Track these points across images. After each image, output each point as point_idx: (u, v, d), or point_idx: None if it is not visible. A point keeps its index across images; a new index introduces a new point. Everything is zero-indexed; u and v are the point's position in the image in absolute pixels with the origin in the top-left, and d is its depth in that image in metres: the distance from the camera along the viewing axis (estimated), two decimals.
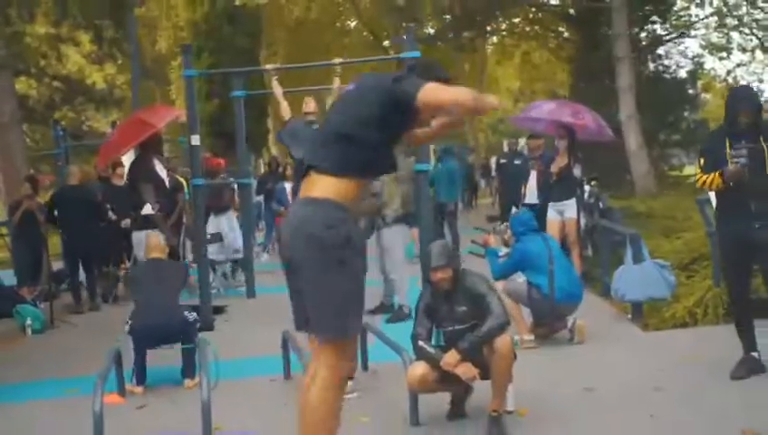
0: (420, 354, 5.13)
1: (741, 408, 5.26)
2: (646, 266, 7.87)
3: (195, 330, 6.72)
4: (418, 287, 9.25)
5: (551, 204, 10.02)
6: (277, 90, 9.12)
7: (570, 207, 9.88)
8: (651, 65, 20.90)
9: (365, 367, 6.67)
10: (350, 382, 6.08)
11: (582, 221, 9.96)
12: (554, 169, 9.90)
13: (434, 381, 5.10)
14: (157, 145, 8.59)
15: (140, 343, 6.55)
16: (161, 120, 8.37)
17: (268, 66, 9.53)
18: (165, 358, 6.98)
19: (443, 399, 5.39)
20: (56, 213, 10.57)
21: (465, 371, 4.92)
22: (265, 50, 28.62)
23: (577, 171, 9.88)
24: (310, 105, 9.03)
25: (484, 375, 5.02)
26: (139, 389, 6.55)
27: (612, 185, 17.87)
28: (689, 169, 24.46)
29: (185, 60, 9.09)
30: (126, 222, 10.20)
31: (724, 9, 26.28)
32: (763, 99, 7.26)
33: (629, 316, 8.12)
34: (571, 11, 22.27)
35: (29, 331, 9.61)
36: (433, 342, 5.28)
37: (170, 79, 27.76)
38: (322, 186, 3.74)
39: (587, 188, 10.23)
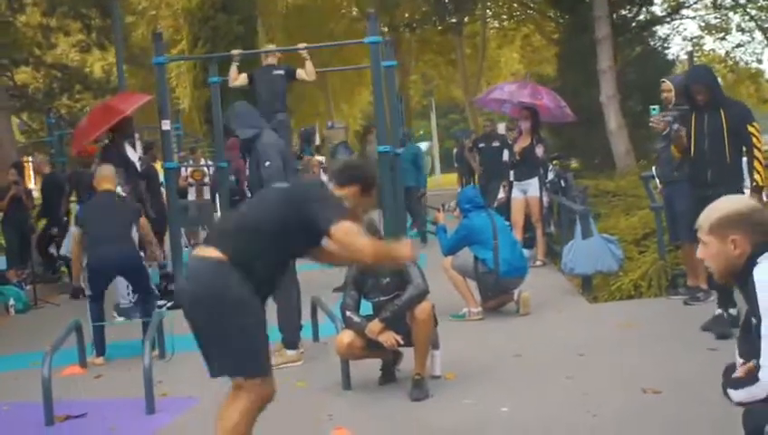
0: (348, 324, 5.46)
1: (652, 368, 5.56)
2: (594, 241, 8.17)
3: (147, 276, 7.17)
4: None
5: (515, 183, 10.31)
6: (233, 73, 9.50)
7: (532, 186, 10.17)
8: (638, 47, 20.99)
9: (316, 339, 7.00)
10: (295, 352, 6.46)
11: (545, 199, 10.25)
12: (517, 149, 10.19)
13: (360, 348, 5.44)
14: (126, 129, 8.91)
15: (95, 276, 6.91)
16: (130, 105, 8.72)
17: (234, 51, 9.88)
18: (130, 332, 7.36)
19: (375, 365, 5.72)
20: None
21: (387, 338, 5.25)
22: (263, 37, 28.88)
23: (539, 151, 10.16)
24: (270, 58, 9.41)
25: (407, 342, 5.35)
26: (100, 360, 6.92)
27: (593, 165, 18.16)
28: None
29: (156, 47, 9.43)
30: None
31: None
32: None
33: (579, 290, 8.43)
34: None
35: (12, 311, 10.01)
36: (362, 312, 5.60)
37: (168, 66, 28.06)
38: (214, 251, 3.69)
39: (549, 167, 10.50)
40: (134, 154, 9.04)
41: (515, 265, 7.56)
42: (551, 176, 10.57)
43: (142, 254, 7.61)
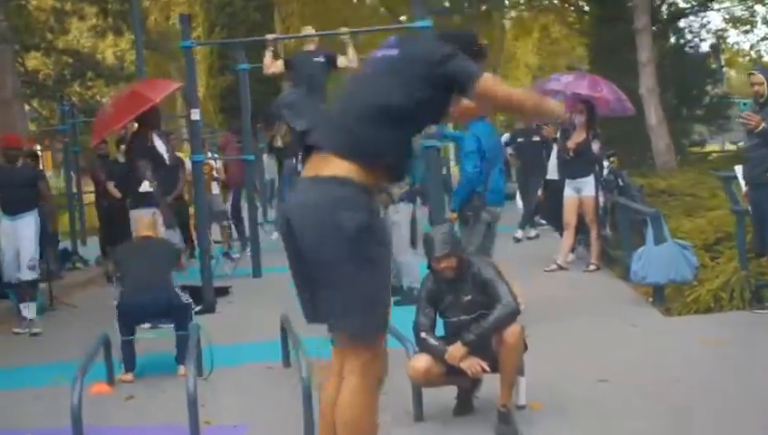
0: (423, 347, 4.74)
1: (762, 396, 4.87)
2: (667, 248, 7.45)
3: (188, 312, 6.36)
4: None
5: (567, 181, 9.61)
6: (268, 60, 8.79)
7: (588, 185, 9.46)
8: (673, 38, 20.25)
9: None
10: None
11: (601, 199, 9.52)
12: (571, 144, 9.47)
13: (438, 375, 4.72)
14: (155, 119, 8.20)
15: (126, 320, 6.23)
16: (159, 93, 7.97)
17: (268, 36, 9.15)
18: (160, 345, 6.66)
19: (449, 391, 5.00)
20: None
21: (471, 365, 4.53)
22: (279, 24, 28.15)
23: (595, 147, 9.45)
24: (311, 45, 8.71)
25: (493, 368, 4.63)
26: (129, 377, 6.22)
27: (631, 162, 17.38)
28: (712, 146, 23.89)
29: (183, 30, 8.71)
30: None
31: None
32: None
33: (650, 300, 7.71)
34: None
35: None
36: (437, 332, 4.89)
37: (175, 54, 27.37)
38: (339, 165, 3.20)
39: (605, 164, 9.77)
40: (162, 146, 8.32)
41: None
42: (605, 174, 9.81)
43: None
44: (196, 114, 8.53)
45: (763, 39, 33.94)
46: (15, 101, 12.93)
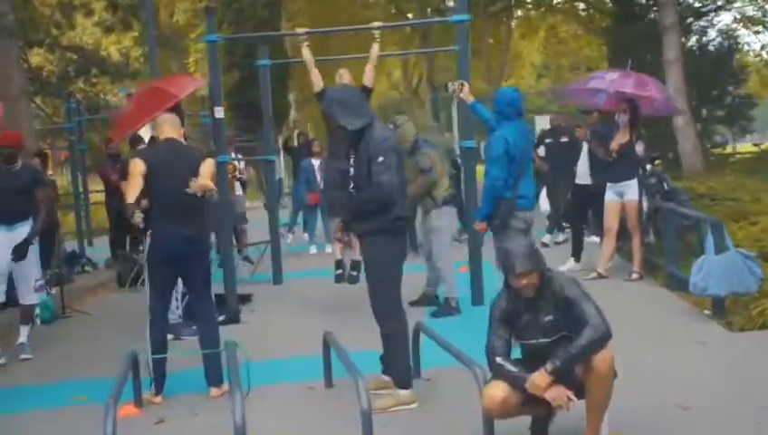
0: (499, 373, 4.22)
1: None
2: (729, 257, 6.94)
3: (213, 312, 6.10)
4: (459, 273, 8.54)
5: (609, 184, 9.09)
6: (308, 57, 8.25)
7: (631, 188, 8.94)
8: (694, 38, 19.83)
9: (418, 373, 5.77)
10: (409, 392, 5.28)
11: (645, 204, 9.02)
12: (614, 145, 8.95)
13: (515, 405, 4.19)
14: (178, 116, 7.68)
15: (162, 261, 5.71)
16: (182, 89, 7.44)
17: (298, 30, 8.60)
18: (186, 362, 6.15)
19: (521, 419, 4.49)
20: None
21: (558, 396, 4.00)
22: (286, 21, 27.64)
23: (639, 148, 8.94)
24: (345, 77, 8.16)
25: (578, 395, 4.12)
26: (158, 398, 5.70)
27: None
28: (740, 147, 23.38)
29: (208, 23, 8.21)
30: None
31: None
32: None
33: (707, 312, 7.21)
34: None
35: (37, 321, 8.77)
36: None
37: (189, 50, 26.88)
38: None
39: (648, 167, 9.26)
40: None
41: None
42: (649, 177, 9.31)
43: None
44: (220, 112, 8.05)
45: None
46: (22, 97, 12.40)
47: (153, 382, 5.69)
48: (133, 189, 5.68)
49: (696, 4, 22.17)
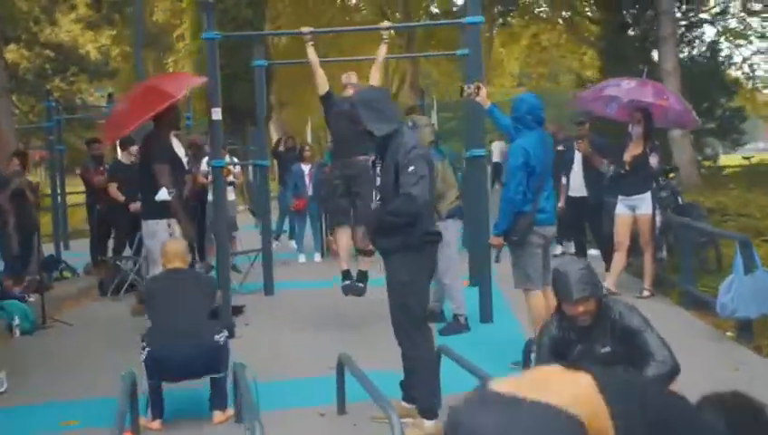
0: None
1: None
2: (760, 277, 6.58)
3: (226, 354, 5.37)
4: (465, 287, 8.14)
5: (621, 198, 8.74)
6: (313, 57, 7.83)
7: (644, 202, 8.59)
8: (685, 50, 19.61)
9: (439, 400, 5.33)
10: (434, 423, 4.85)
11: (658, 219, 8.67)
12: (627, 157, 8.60)
13: None
14: (174, 119, 7.23)
15: (158, 376, 5.19)
16: (180, 88, 6.97)
17: (303, 29, 8.15)
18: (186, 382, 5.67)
19: None
20: None
21: None
22: (269, 23, 27.16)
23: (653, 161, 8.59)
24: (352, 78, 7.76)
25: None
26: (156, 424, 5.22)
27: None
28: (725, 160, 23.18)
29: (208, 19, 7.75)
30: (135, 206, 8.87)
31: None
32: None
33: (729, 335, 6.85)
34: None
35: (17, 332, 8.25)
36: None
37: (175, 48, 26.30)
38: None
39: (662, 181, 8.93)
40: (181, 149, 7.36)
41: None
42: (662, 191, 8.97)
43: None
44: (217, 113, 7.57)
45: (756, 52, 33.47)
46: (2, 96, 11.82)
47: (150, 406, 5.21)
48: None
49: (683, 21, 22.08)
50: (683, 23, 20.82)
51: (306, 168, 12.88)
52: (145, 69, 26.65)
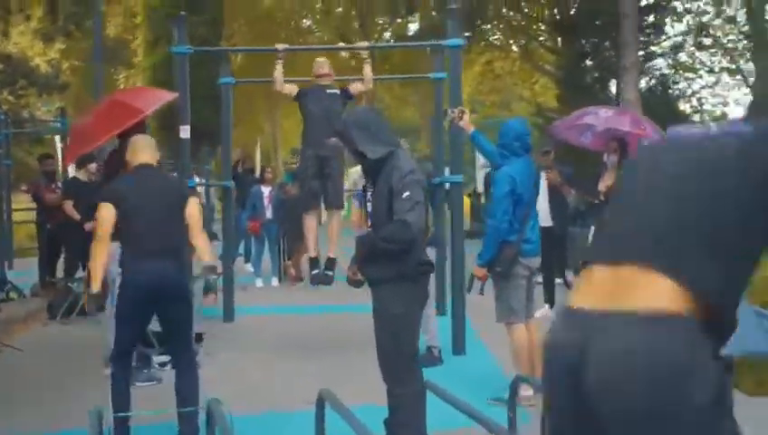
0: None
1: None
2: (743, 313, 6.41)
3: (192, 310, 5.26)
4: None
5: (594, 228, 8.59)
6: (279, 74, 7.59)
7: None
8: (643, 80, 19.76)
9: None
10: None
11: None
12: (602, 187, 8.48)
13: None
14: (140, 134, 6.88)
15: (136, 305, 4.92)
16: (149, 104, 6.63)
17: (278, 46, 7.89)
18: (148, 398, 5.32)
19: None
20: None
21: None
22: (224, 42, 26.78)
23: None
24: (324, 67, 7.57)
25: None
26: None
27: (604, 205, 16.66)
28: None
29: (179, 32, 7.44)
30: (91, 225, 8.43)
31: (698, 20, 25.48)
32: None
33: None
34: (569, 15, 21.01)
35: None
36: None
37: (130, 63, 25.76)
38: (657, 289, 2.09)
39: None
40: None
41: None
42: None
43: None
44: (186, 132, 7.27)
45: (704, 87, 34.01)
46: None
47: None
48: (100, 259, 4.94)
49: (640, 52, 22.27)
50: (640, 53, 21.08)
51: (266, 190, 12.59)
52: (99, 84, 26.17)
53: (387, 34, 36.43)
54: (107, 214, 4.93)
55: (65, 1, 15.09)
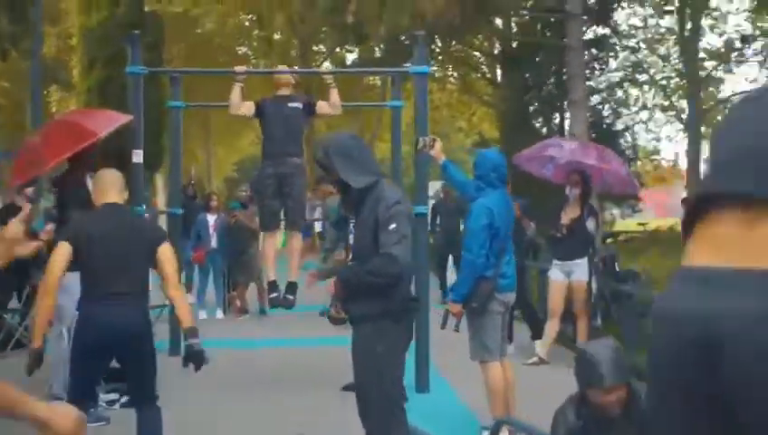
0: None
1: None
2: None
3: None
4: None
5: (556, 262, 8.48)
6: (236, 98, 7.29)
7: (580, 268, 8.33)
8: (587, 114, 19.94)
9: None
10: None
11: (594, 286, 8.41)
12: (565, 220, 8.35)
13: None
14: (92, 159, 6.50)
15: (92, 355, 4.54)
16: (103, 126, 6.24)
17: (237, 68, 7.59)
18: None
19: None
20: None
21: None
22: (166, 64, 26.29)
23: (590, 225, 8.37)
24: (284, 76, 7.32)
25: None
26: None
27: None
28: (621, 225, 23.53)
29: (133, 52, 7.08)
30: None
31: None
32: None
33: None
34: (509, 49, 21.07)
35: None
36: None
37: (70, 83, 25.01)
38: None
39: (598, 245, 8.73)
40: None
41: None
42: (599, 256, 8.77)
43: None
44: (138, 156, 6.87)
45: (637, 123, 34.56)
46: None
47: None
48: (44, 316, 4.56)
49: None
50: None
51: (211, 218, 12.20)
52: (38, 106, 25.54)
53: (326, 64, 36.37)
54: (60, 257, 4.50)
55: (1, 21, 14.49)
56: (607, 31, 19.73)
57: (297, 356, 8.97)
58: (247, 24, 31.77)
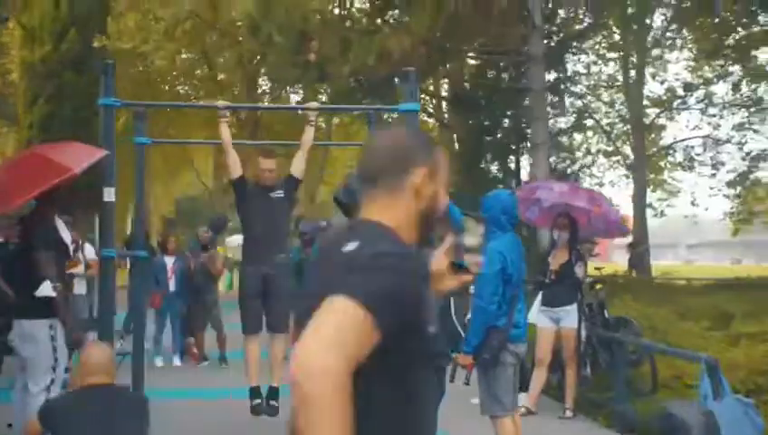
0: None
1: None
2: (728, 404, 6.02)
3: None
4: None
5: (543, 309, 8.16)
6: (226, 135, 6.84)
7: (570, 315, 8.02)
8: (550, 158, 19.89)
9: None
10: None
11: (583, 333, 8.11)
12: (555, 265, 8.05)
13: None
14: (62, 197, 5.97)
15: None
16: (78, 162, 5.71)
17: (219, 103, 7.15)
18: None
19: None
20: None
21: None
22: None
23: (579, 271, 8.07)
24: (269, 164, 6.84)
25: None
26: None
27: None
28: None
29: (106, 83, 6.58)
30: None
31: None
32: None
33: None
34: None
35: None
36: None
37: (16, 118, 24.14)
38: None
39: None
40: (66, 232, 6.10)
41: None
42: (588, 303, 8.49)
43: None
44: (110, 194, 6.33)
45: (581, 167, 34.77)
46: None
47: None
48: None
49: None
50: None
51: (169, 260, 11.61)
52: None
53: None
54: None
55: None
56: (561, 75, 19.74)
57: None
58: (195, 61, 31.30)
